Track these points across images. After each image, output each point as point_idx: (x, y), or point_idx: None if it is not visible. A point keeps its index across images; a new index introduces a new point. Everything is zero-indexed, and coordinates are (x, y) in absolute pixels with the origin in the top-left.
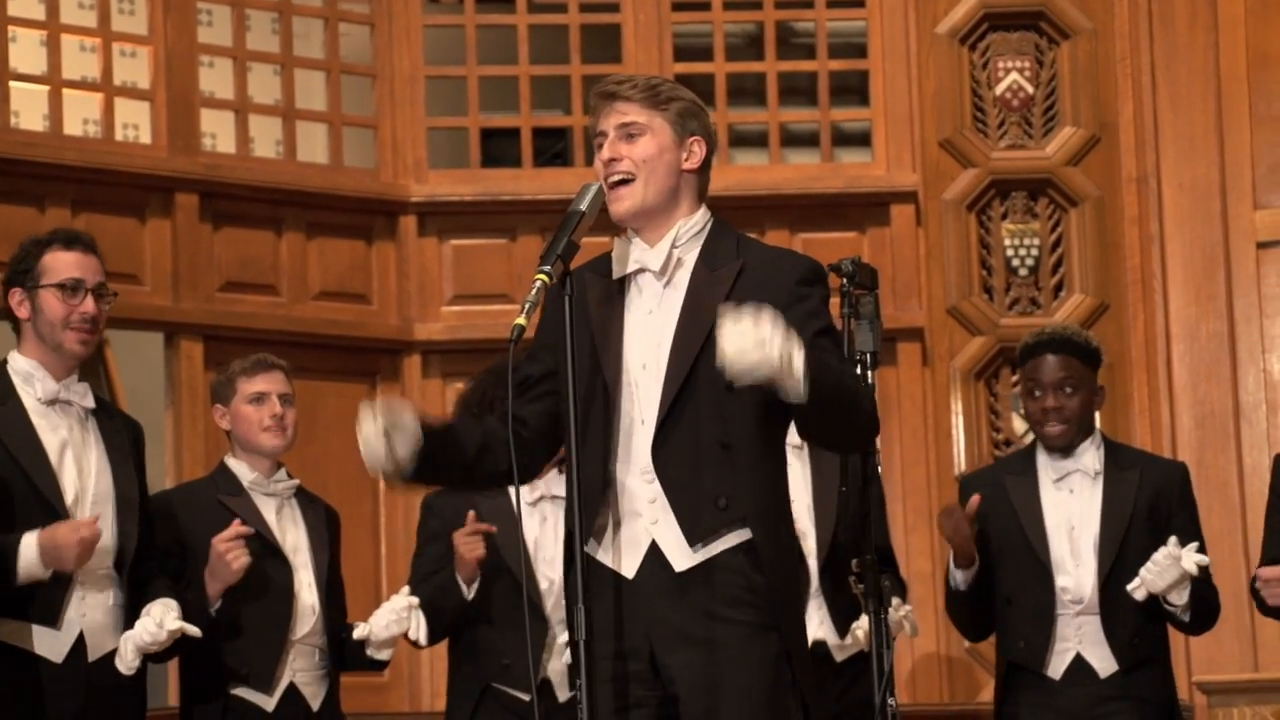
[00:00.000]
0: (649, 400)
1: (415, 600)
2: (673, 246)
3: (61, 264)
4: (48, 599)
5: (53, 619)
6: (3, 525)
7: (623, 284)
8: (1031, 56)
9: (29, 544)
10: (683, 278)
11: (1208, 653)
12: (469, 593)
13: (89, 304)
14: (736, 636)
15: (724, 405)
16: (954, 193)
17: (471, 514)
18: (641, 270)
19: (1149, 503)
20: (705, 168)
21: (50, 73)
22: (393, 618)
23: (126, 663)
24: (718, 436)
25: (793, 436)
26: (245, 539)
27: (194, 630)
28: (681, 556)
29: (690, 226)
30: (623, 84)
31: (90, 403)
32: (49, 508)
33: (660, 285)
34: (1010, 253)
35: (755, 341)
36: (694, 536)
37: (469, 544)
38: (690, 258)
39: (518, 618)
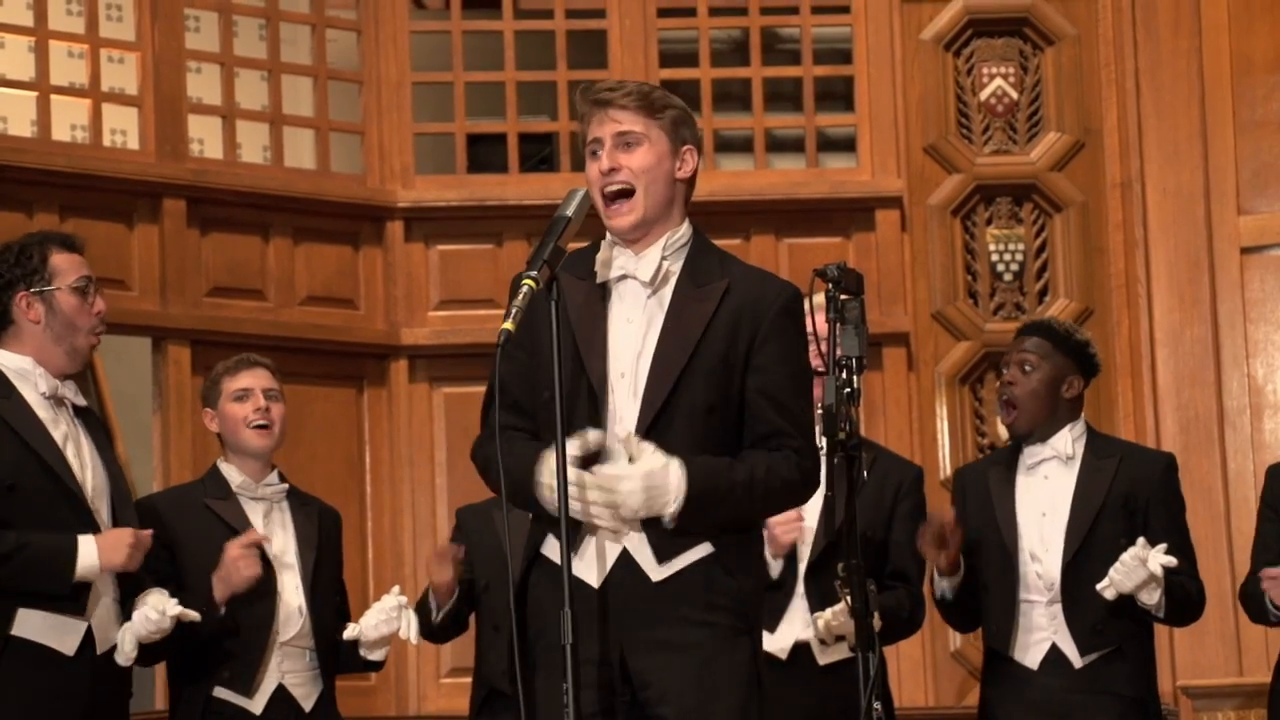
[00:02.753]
0: (624, 411)
1: (405, 599)
2: (662, 258)
3: (70, 265)
4: (75, 592)
5: (80, 610)
6: (22, 521)
7: (604, 288)
8: (1016, 62)
9: (87, 543)
10: (668, 290)
11: (1192, 656)
12: (437, 615)
13: (101, 302)
14: (712, 638)
15: (701, 426)
16: (939, 198)
17: (447, 542)
18: (624, 277)
19: (1125, 492)
20: (694, 177)
21: (38, 78)
22: (382, 617)
23: (125, 654)
24: (692, 456)
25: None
26: (258, 548)
27: (193, 615)
28: (654, 568)
29: (677, 239)
30: (616, 91)
31: (81, 401)
32: (73, 500)
33: (645, 295)
34: (995, 258)
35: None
36: (660, 555)
37: (437, 569)
38: (676, 269)
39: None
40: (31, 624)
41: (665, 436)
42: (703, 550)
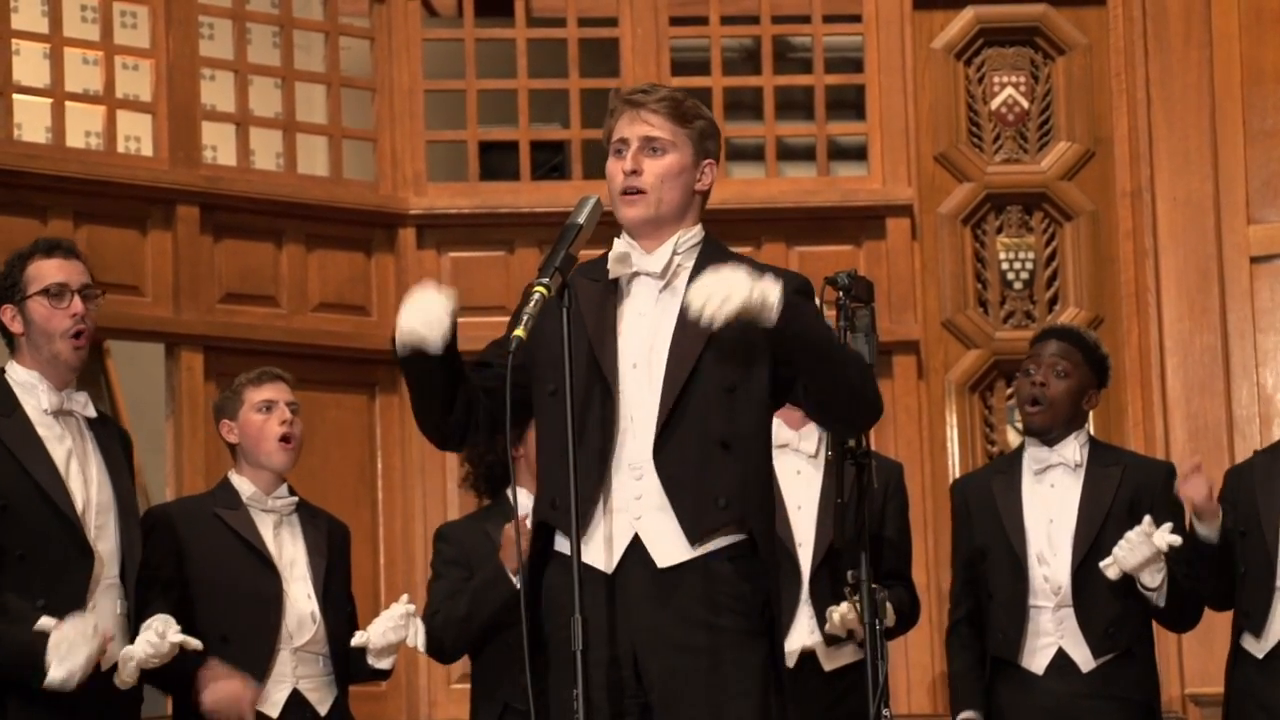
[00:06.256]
0: (638, 400)
1: (413, 607)
2: (674, 253)
3: (44, 271)
4: (62, 609)
5: None
6: (15, 539)
7: (616, 286)
8: (1027, 71)
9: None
10: (680, 284)
11: (1201, 665)
12: (519, 582)
13: (77, 304)
14: (725, 644)
15: (724, 406)
16: (949, 206)
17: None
18: (637, 274)
19: (1130, 498)
20: (710, 189)
21: (53, 85)
22: (390, 624)
23: (123, 678)
24: (718, 436)
25: (808, 444)
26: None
27: (195, 644)
28: (664, 554)
29: (689, 238)
30: (650, 94)
31: (91, 412)
32: (64, 520)
33: (657, 289)
34: (1005, 266)
35: (727, 284)
36: (694, 535)
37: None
38: (689, 265)
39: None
40: None
41: (688, 418)
42: (727, 539)
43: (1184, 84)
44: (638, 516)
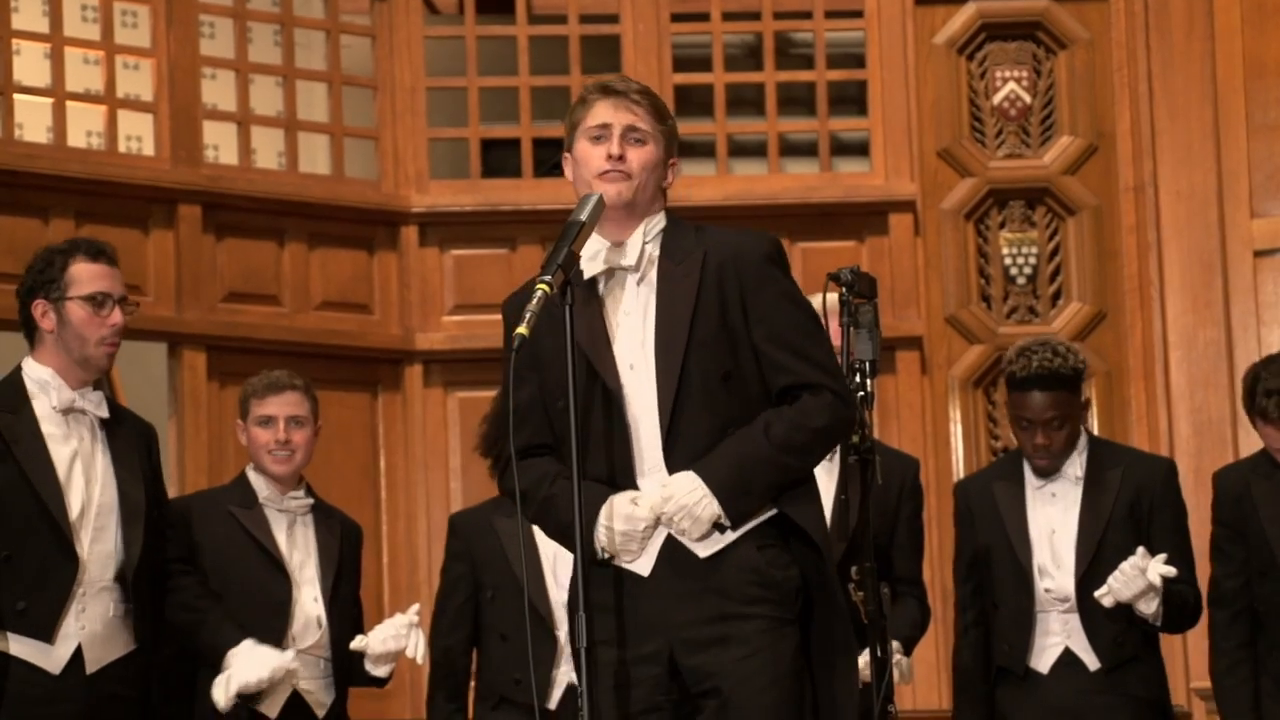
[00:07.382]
0: (641, 400)
1: (417, 619)
2: (644, 243)
3: (88, 276)
4: (42, 613)
5: (46, 634)
6: (2, 541)
7: (594, 285)
8: (1029, 66)
9: None
10: (653, 275)
11: (1205, 659)
12: None
13: (117, 316)
14: (755, 632)
15: (723, 394)
16: (952, 202)
17: None
18: (612, 270)
19: (1130, 501)
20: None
21: (54, 85)
22: (391, 633)
23: (227, 694)
24: (722, 426)
25: None
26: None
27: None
28: (703, 545)
29: (655, 224)
30: (628, 85)
31: (104, 412)
32: (52, 524)
33: (635, 283)
34: (1008, 261)
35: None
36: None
37: None
38: (656, 251)
39: (531, 634)
40: (18, 642)
41: (690, 412)
42: (760, 516)
43: (1186, 78)
44: None
